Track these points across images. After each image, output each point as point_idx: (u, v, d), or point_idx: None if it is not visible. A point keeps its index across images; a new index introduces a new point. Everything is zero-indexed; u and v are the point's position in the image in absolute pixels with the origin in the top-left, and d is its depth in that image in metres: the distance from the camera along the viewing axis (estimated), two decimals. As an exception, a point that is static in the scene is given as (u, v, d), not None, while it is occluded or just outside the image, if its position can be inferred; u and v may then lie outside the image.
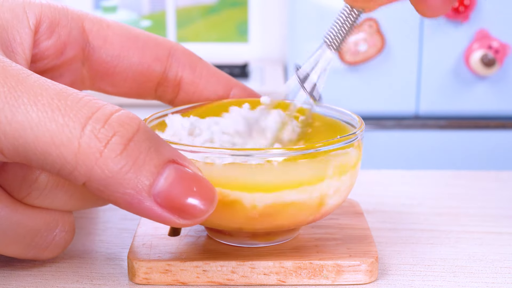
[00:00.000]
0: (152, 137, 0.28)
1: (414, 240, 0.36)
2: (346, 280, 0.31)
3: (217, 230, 0.33)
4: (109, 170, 0.27)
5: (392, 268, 0.33)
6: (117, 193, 0.27)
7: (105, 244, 0.36)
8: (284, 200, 0.30)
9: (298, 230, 0.34)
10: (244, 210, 0.30)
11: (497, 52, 1.54)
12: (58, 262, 0.34)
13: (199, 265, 0.31)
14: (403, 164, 1.63)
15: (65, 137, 0.26)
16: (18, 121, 0.27)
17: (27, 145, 0.27)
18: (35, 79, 0.28)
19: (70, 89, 0.28)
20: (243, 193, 0.30)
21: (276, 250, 0.33)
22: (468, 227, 0.38)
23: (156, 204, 0.27)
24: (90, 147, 0.26)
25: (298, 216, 0.31)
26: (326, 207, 0.31)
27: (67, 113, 0.27)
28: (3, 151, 0.27)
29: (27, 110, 0.27)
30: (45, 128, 0.27)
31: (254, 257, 0.32)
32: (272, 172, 0.29)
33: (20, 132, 0.27)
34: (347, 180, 0.32)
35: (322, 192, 0.30)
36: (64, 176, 0.27)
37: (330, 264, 0.31)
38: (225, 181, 0.29)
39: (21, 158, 0.27)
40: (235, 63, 1.87)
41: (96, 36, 0.37)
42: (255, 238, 0.33)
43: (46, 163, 0.27)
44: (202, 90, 0.38)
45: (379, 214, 0.40)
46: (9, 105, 0.27)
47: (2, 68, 0.28)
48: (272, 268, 0.31)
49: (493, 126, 1.63)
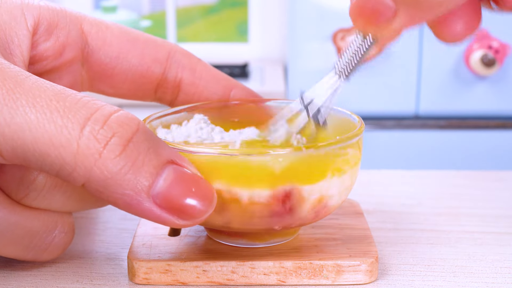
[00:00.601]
0: (151, 137, 0.28)
1: (414, 240, 0.36)
2: (346, 280, 0.31)
3: (217, 230, 0.33)
4: (108, 171, 0.27)
5: (392, 268, 0.33)
6: (116, 194, 0.27)
7: (105, 244, 0.36)
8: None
9: (298, 230, 0.34)
10: (243, 208, 0.30)
11: (497, 52, 1.54)
12: (58, 262, 0.34)
13: (199, 265, 0.31)
14: (403, 164, 1.63)
15: (64, 138, 0.26)
16: (17, 122, 0.27)
17: (26, 146, 0.27)
18: (33, 81, 0.28)
19: (68, 90, 0.28)
20: (242, 191, 0.30)
21: (276, 250, 0.33)
22: (468, 227, 0.38)
23: (155, 205, 0.27)
24: (89, 148, 0.26)
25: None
26: (326, 207, 0.31)
27: (66, 114, 0.27)
28: (2, 153, 0.27)
29: (26, 111, 0.27)
30: (44, 130, 0.26)
31: (254, 257, 0.32)
32: (272, 172, 0.29)
33: (18, 133, 0.27)
34: (347, 180, 0.32)
35: (322, 192, 0.30)
36: (63, 177, 0.27)
37: (330, 264, 0.31)
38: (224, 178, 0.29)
39: (19, 160, 0.27)
40: (235, 63, 1.87)
41: (95, 38, 0.37)
42: (255, 238, 0.33)
43: (45, 165, 0.27)
44: (202, 91, 0.38)
45: (379, 214, 0.40)
46: (8, 107, 0.27)
47: (0, 70, 0.28)
48: (272, 268, 0.31)
49: (493, 126, 1.63)
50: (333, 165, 0.30)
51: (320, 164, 0.30)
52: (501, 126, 1.63)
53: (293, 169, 0.29)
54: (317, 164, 0.30)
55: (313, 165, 0.30)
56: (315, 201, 0.30)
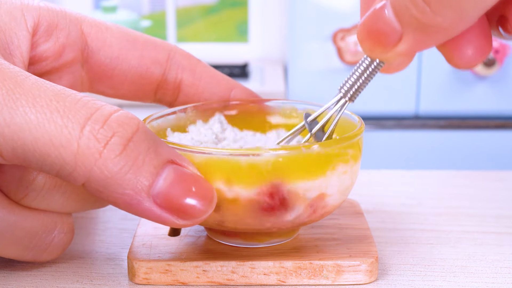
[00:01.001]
0: (151, 137, 0.28)
1: (414, 240, 0.36)
2: (346, 280, 0.31)
3: (217, 230, 0.33)
4: (108, 170, 0.27)
5: (392, 268, 0.33)
6: (116, 194, 0.27)
7: (105, 244, 0.36)
8: (284, 200, 0.30)
9: (298, 230, 0.34)
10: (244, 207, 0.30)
11: (497, 52, 1.54)
12: (58, 263, 0.34)
13: (199, 265, 0.31)
14: (403, 164, 1.63)
15: (64, 138, 0.26)
16: (17, 123, 0.27)
17: (26, 147, 0.27)
18: (33, 81, 0.28)
19: (68, 90, 0.28)
20: (242, 191, 0.30)
21: (276, 250, 0.33)
22: (468, 227, 0.38)
23: (155, 204, 0.27)
24: (89, 148, 0.26)
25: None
26: (326, 207, 0.31)
27: (66, 114, 0.27)
28: (2, 154, 0.27)
29: (26, 112, 0.27)
30: (44, 130, 0.26)
31: (254, 257, 0.32)
32: (266, 170, 0.29)
33: (18, 134, 0.27)
34: (347, 180, 0.31)
35: (321, 190, 0.30)
36: (63, 177, 0.27)
37: (330, 264, 0.31)
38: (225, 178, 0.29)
39: (20, 160, 0.27)
40: (235, 63, 1.87)
41: (95, 38, 0.37)
42: (255, 238, 0.33)
43: (45, 165, 0.27)
44: (202, 92, 0.38)
45: (379, 214, 0.40)
46: (7, 107, 0.27)
47: (0, 71, 0.28)
48: (272, 268, 0.31)
49: (493, 126, 1.63)
50: (332, 165, 0.30)
51: (319, 163, 0.30)
52: (501, 126, 1.63)
53: (291, 168, 0.29)
54: (316, 163, 0.30)
55: (312, 164, 0.30)
56: (313, 200, 0.30)
